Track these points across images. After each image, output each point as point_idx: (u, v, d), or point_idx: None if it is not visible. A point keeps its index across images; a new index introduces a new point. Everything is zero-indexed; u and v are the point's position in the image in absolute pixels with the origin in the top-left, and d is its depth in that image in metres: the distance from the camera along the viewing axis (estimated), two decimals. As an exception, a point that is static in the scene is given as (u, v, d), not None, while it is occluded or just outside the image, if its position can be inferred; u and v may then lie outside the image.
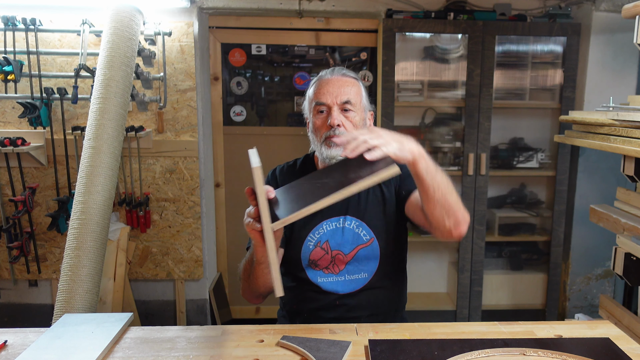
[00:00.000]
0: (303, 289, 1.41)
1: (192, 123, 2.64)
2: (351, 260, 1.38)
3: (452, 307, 2.89)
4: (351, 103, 1.33)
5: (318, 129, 1.35)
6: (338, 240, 1.38)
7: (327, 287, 1.38)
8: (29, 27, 2.39)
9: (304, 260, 1.39)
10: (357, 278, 1.38)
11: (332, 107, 1.32)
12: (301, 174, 1.45)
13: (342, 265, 1.38)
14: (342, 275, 1.38)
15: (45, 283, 2.78)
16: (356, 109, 1.34)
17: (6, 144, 2.37)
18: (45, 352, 1.07)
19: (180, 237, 2.74)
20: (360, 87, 1.38)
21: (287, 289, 1.47)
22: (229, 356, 1.09)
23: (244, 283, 1.32)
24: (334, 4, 2.66)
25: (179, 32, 2.56)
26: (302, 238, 1.39)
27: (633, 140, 1.82)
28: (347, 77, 1.37)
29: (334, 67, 1.40)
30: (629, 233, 1.89)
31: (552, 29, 2.62)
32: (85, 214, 1.96)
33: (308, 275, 1.39)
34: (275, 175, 1.49)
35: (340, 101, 1.32)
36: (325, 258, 1.38)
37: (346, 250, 1.38)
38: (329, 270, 1.38)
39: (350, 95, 1.33)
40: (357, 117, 1.34)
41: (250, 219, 1.05)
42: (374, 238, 1.38)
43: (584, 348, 1.07)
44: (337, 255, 1.38)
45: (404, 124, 2.84)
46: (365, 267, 1.38)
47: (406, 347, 1.08)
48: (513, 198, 2.97)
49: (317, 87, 1.36)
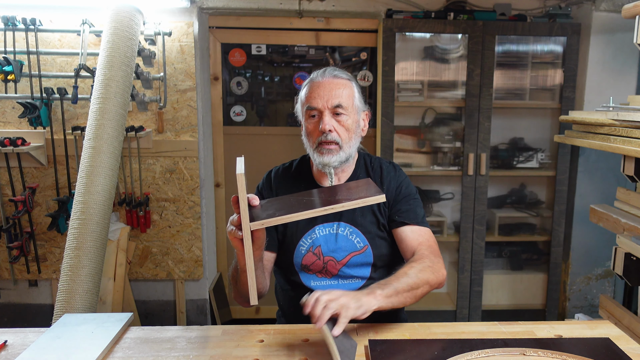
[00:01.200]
0: (298, 292, 1.39)
1: (192, 123, 2.64)
2: (344, 267, 1.36)
3: (452, 307, 2.89)
4: (343, 107, 1.31)
5: (310, 133, 1.34)
6: (331, 247, 1.36)
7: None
8: (29, 27, 2.39)
9: (297, 264, 1.38)
10: (351, 282, 1.37)
11: (324, 111, 1.30)
12: (297, 176, 1.45)
13: (335, 271, 1.37)
14: (336, 279, 1.37)
15: (45, 283, 2.78)
16: (348, 112, 1.32)
17: (6, 144, 2.37)
18: (45, 352, 1.07)
19: (180, 237, 2.74)
20: (353, 88, 1.36)
21: (283, 292, 1.47)
22: (229, 356, 1.08)
23: (234, 288, 1.32)
24: (334, 4, 2.66)
25: (179, 32, 2.56)
26: (295, 242, 1.38)
27: (633, 140, 1.82)
28: (339, 79, 1.34)
29: (326, 68, 1.37)
30: (629, 233, 1.89)
31: (552, 29, 2.62)
32: (85, 214, 1.96)
33: (301, 279, 1.38)
34: (270, 178, 1.47)
35: (331, 105, 1.30)
36: (317, 264, 1.37)
37: (339, 257, 1.36)
38: (322, 275, 1.37)
39: (341, 98, 1.31)
40: (350, 120, 1.32)
41: (232, 226, 1.06)
42: (367, 246, 1.37)
43: (584, 348, 1.07)
44: (330, 262, 1.36)
45: (404, 124, 2.84)
46: (358, 273, 1.37)
47: (406, 347, 1.08)
48: (513, 198, 2.97)
49: (308, 89, 1.34)
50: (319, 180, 1.42)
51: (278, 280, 1.50)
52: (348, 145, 1.33)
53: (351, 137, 1.34)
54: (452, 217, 2.94)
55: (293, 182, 1.44)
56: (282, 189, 1.43)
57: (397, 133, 2.79)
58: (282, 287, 1.47)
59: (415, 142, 2.85)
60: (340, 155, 1.32)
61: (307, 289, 1.37)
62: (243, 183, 0.97)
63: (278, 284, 1.51)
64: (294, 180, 1.45)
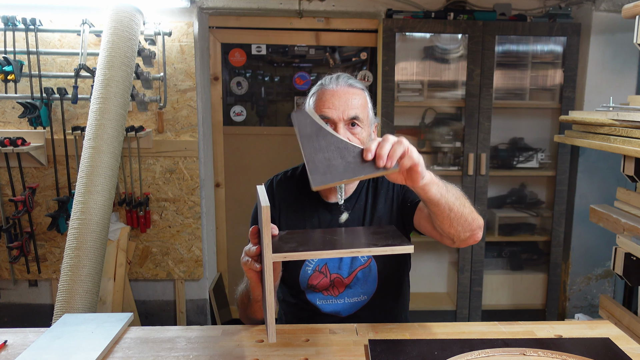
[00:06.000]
0: (303, 308, 1.37)
1: (192, 123, 2.64)
2: (350, 282, 1.34)
3: (452, 307, 2.89)
4: (359, 119, 1.24)
5: None
6: (336, 264, 1.33)
7: (327, 309, 1.35)
8: (29, 27, 2.39)
9: (302, 284, 1.35)
10: (356, 300, 1.35)
11: (338, 123, 1.23)
12: (300, 188, 1.38)
13: (342, 288, 1.34)
14: (342, 297, 1.35)
15: (45, 283, 2.78)
16: (363, 124, 1.26)
17: (6, 144, 2.37)
18: (45, 352, 1.07)
19: (180, 237, 2.74)
20: (367, 99, 1.30)
21: (287, 305, 1.44)
22: (229, 356, 1.08)
23: (241, 312, 1.29)
24: (334, 4, 2.66)
25: (179, 32, 2.56)
26: (300, 263, 1.34)
27: (633, 140, 1.82)
28: (354, 89, 1.27)
29: (339, 75, 1.30)
30: (629, 233, 1.89)
31: (552, 29, 2.62)
32: (85, 214, 1.96)
33: (307, 297, 1.36)
34: (272, 188, 1.41)
35: (347, 117, 1.23)
36: (324, 282, 1.33)
37: (345, 273, 1.33)
38: (328, 293, 1.34)
39: (357, 110, 1.24)
40: (364, 132, 1.26)
41: (248, 257, 1.03)
42: (371, 259, 1.34)
43: (584, 348, 1.07)
44: (336, 279, 1.33)
45: (404, 124, 2.84)
46: (364, 289, 1.35)
47: (406, 347, 1.08)
48: (513, 198, 2.97)
49: (321, 97, 1.26)
50: (324, 192, 1.37)
51: (282, 288, 1.45)
52: None
53: None
54: (452, 217, 2.93)
55: (296, 194, 1.39)
56: (285, 201, 1.38)
57: (397, 133, 2.79)
58: (285, 298, 1.44)
59: (415, 142, 2.85)
60: None
61: (313, 306, 1.35)
62: (268, 216, 0.90)
63: (281, 292, 1.47)
64: (297, 191, 1.39)
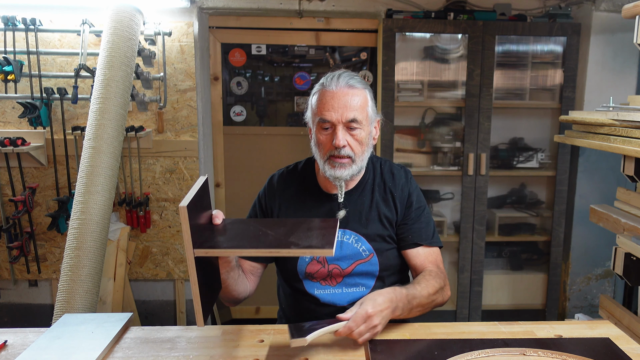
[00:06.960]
0: (301, 299, 1.39)
1: (192, 123, 2.64)
2: (349, 274, 1.35)
3: (452, 307, 2.89)
4: (357, 121, 1.27)
5: (322, 145, 1.31)
6: (336, 254, 1.34)
7: (325, 299, 1.36)
8: (29, 27, 2.39)
9: (300, 273, 1.36)
10: (355, 291, 1.36)
11: (337, 125, 1.27)
12: (302, 181, 1.42)
13: (340, 279, 1.36)
14: (340, 287, 1.36)
15: (45, 283, 2.78)
16: (362, 126, 1.29)
17: (6, 144, 2.37)
18: (45, 352, 1.07)
19: (180, 237, 2.74)
20: (367, 97, 1.32)
21: (286, 296, 1.45)
22: (229, 356, 1.09)
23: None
24: (334, 4, 2.66)
25: (179, 32, 2.56)
26: None
27: (633, 140, 1.82)
28: (354, 89, 1.29)
29: (340, 74, 1.30)
30: (629, 233, 1.89)
31: (552, 29, 2.62)
32: (85, 214, 1.96)
33: (305, 286, 1.37)
34: (273, 184, 1.44)
35: (345, 119, 1.26)
36: (322, 271, 1.35)
37: (344, 265, 1.35)
38: (326, 282, 1.36)
39: (356, 112, 1.27)
40: (363, 133, 1.29)
41: None
42: (373, 254, 1.35)
43: (584, 348, 1.07)
44: (334, 270, 1.35)
45: (404, 124, 2.84)
46: (363, 281, 1.36)
47: (406, 347, 1.08)
48: (513, 198, 2.97)
49: (321, 98, 1.29)
50: (325, 186, 1.40)
51: (280, 283, 1.48)
52: (361, 159, 1.31)
53: (364, 150, 1.32)
54: (452, 217, 2.94)
55: (298, 188, 1.42)
56: (286, 195, 1.41)
57: (397, 133, 2.79)
58: (285, 291, 1.46)
59: (415, 142, 2.85)
60: (352, 169, 1.30)
61: (311, 297, 1.36)
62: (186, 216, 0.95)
63: (280, 287, 1.50)
64: (298, 184, 1.42)
